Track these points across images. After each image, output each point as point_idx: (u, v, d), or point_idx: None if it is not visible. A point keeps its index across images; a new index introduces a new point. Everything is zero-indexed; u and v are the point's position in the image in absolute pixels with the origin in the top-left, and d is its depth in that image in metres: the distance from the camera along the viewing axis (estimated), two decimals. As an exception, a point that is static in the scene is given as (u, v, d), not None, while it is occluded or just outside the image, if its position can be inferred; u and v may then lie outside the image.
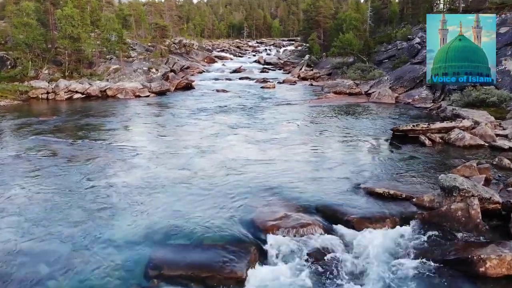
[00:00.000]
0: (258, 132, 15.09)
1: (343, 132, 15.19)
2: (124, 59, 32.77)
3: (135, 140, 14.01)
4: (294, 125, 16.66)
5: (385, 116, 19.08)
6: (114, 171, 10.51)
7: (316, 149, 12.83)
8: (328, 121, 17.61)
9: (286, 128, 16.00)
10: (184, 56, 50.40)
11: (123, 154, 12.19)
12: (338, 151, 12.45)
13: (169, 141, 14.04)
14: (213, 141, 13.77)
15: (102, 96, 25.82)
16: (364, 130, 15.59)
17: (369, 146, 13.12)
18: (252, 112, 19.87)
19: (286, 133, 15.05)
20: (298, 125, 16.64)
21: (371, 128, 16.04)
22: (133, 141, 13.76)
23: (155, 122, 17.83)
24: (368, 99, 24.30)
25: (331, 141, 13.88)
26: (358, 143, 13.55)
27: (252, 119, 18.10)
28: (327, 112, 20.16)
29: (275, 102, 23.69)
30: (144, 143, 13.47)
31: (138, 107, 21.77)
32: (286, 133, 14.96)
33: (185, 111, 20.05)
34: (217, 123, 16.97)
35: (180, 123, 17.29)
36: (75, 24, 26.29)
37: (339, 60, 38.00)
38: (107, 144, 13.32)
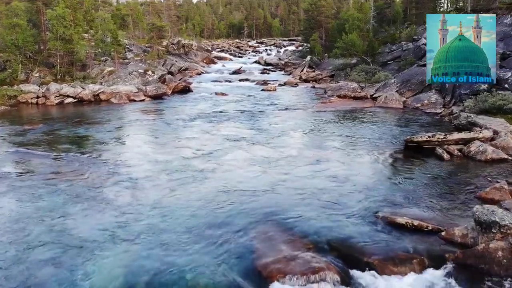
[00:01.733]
0: (260, 147, 13.49)
1: (352, 144, 13.95)
2: (120, 61, 31.59)
3: (124, 155, 12.60)
4: (298, 137, 15.21)
5: (394, 123, 17.89)
6: (94, 195, 9.30)
7: (324, 167, 11.44)
8: (334, 130, 16.37)
9: (290, 141, 14.44)
10: (183, 57, 49.22)
11: (108, 173, 10.83)
12: (348, 169, 11.13)
13: (160, 158, 12.30)
14: (210, 160, 12.09)
15: (95, 100, 24.62)
16: (374, 141, 14.38)
17: (382, 161, 11.90)
18: (253, 119, 18.57)
19: (290, 148, 13.45)
20: (302, 137, 15.14)
21: (381, 138, 14.83)
22: (121, 157, 12.37)
23: (148, 132, 16.31)
24: (374, 103, 23.12)
25: (340, 156, 12.52)
26: (369, 157, 12.32)
27: (253, 128, 16.65)
28: (332, 118, 18.96)
29: (277, 107, 22.49)
30: (133, 159, 12.08)
31: (131, 114, 20.53)
32: (290, 148, 13.36)
33: (181, 119, 18.65)
34: (215, 135, 15.46)
35: (175, 134, 15.71)
36: (67, 25, 25.09)
37: (342, 61, 36.81)
38: (92, 159, 12.10)
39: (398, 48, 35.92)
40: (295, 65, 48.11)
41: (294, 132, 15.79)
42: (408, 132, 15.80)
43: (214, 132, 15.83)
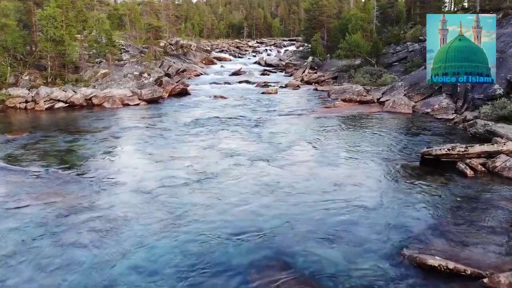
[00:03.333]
0: (263, 166, 11.65)
1: (364, 158, 12.61)
2: (114, 63, 30.33)
3: (110, 173, 11.26)
4: (304, 150, 13.57)
5: (405, 131, 16.65)
6: (73, 223, 8.08)
7: (336, 192, 9.87)
8: (342, 140, 15.04)
9: (296, 157, 12.72)
10: (181, 58, 47.99)
11: (88, 200, 9.40)
12: (363, 193, 9.75)
13: (150, 182, 10.52)
14: (206, 186, 10.18)
15: (87, 105, 23.37)
16: (386, 154, 13.15)
17: (398, 180, 10.64)
18: (254, 127, 17.18)
19: (297, 166, 11.79)
20: (308, 151, 13.46)
21: (394, 150, 13.59)
22: (107, 176, 11.05)
23: (138, 145, 14.59)
24: (382, 108, 21.88)
25: (351, 174, 11.10)
26: (384, 175, 11.05)
27: (254, 140, 15.07)
28: (338, 126, 17.73)
29: (279, 112, 21.25)
30: (121, 177, 10.81)
31: (123, 121, 19.25)
32: (297, 167, 11.69)
33: (175, 128, 17.24)
34: (212, 149, 13.72)
35: (168, 149, 13.92)
36: (57, 26, 23.85)
37: (345, 62, 35.58)
38: (74, 176, 10.85)
39: (403, 49, 34.70)
40: (296, 66, 46.88)
41: (299, 145, 14.32)
42: (421, 142, 14.59)
43: (212, 144, 14.33)
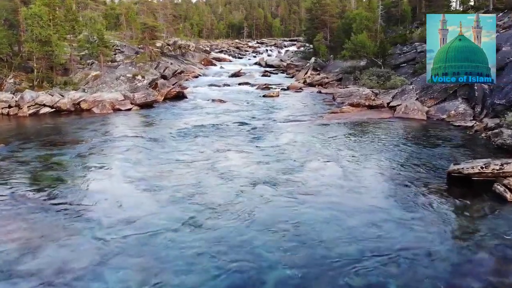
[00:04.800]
0: (269, 194, 9.60)
1: (382, 177, 10.89)
2: (107, 64, 28.72)
3: (86, 197, 9.58)
4: (314, 169, 11.61)
5: (422, 142, 15.01)
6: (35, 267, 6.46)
7: (360, 228, 7.96)
8: (355, 153, 13.30)
9: (305, 178, 10.70)
10: (179, 59, 46.38)
11: (57, 230, 7.85)
12: (392, 225, 8.03)
13: (134, 210, 8.85)
14: (199, 225, 8.11)
15: (75, 110, 21.73)
16: (407, 170, 11.50)
17: (429, 207, 8.91)
18: (255, 138, 15.36)
19: (307, 192, 9.75)
20: (319, 170, 11.47)
21: (415, 166, 11.93)
22: (81, 199, 9.41)
23: (125, 159, 12.78)
24: (393, 113, 20.24)
25: (373, 200, 9.36)
26: (410, 200, 9.31)
27: (256, 155, 13.12)
28: (348, 134, 16.08)
29: (282, 118, 19.61)
30: (98, 207, 9.00)
31: (111, 129, 17.54)
32: (307, 194, 9.63)
33: (167, 139, 15.39)
34: (207, 169, 11.62)
35: (157, 166, 11.93)
36: (43, 25, 22.21)
37: (349, 63, 33.96)
38: (45, 201, 9.20)
39: (411, 49, 33.07)
40: (298, 67, 45.29)
41: (308, 161, 12.38)
42: (443, 155, 12.96)
43: (207, 162, 12.29)
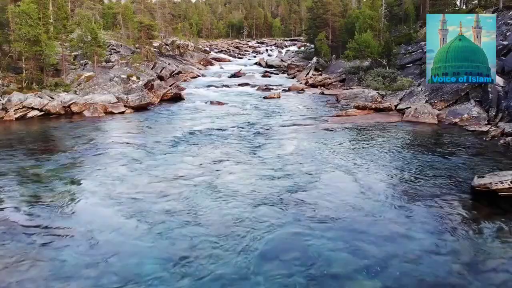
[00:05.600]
0: (275, 220, 8.17)
1: (398, 191, 9.73)
2: (101, 65, 27.56)
3: (61, 216, 8.39)
4: (323, 184, 10.31)
5: (437, 149, 13.84)
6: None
7: (382, 256, 6.82)
8: (366, 163, 12.07)
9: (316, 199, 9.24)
10: (178, 59, 45.26)
11: (26, 258, 6.72)
12: (413, 254, 6.90)
13: (114, 235, 7.70)
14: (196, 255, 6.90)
15: (65, 113, 20.55)
16: (423, 182, 10.33)
17: (452, 230, 7.73)
18: (256, 147, 14.10)
19: (323, 220, 8.20)
20: (330, 187, 10.12)
21: (431, 177, 10.78)
22: (55, 221, 8.16)
23: (110, 169, 11.53)
24: (402, 117, 19.07)
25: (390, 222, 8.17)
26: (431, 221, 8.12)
27: (258, 167, 11.76)
28: (357, 142, 14.89)
29: (285, 122, 18.45)
30: (71, 232, 7.73)
31: (100, 134, 16.31)
32: (324, 223, 8.06)
33: (158, 147, 14.05)
34: (202, 186, 10.16)
35: (144, 183, 10.51)
36: (32, 24, 21.04)
37: (352, 64, 32.79)
38: (15, 222, 8.02)
39: (417, 49, 31.88)
40: (299, 67, 44.14)
41: (316, 175, 10.97)
42: (462, 165, 11.81)
43: (201, 177, 10.78)
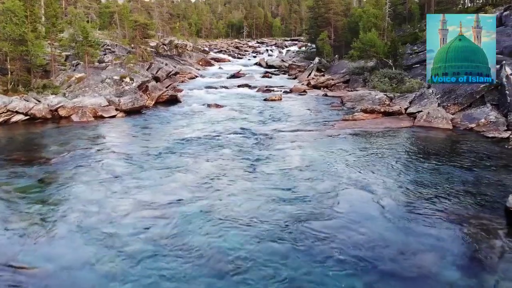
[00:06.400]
0: (286, 259, 6.81)
1: (426, 214, 8.40)
2: (94, 66, 26.24)
3: (20, 249, 7.07)
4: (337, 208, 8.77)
5: (456, 158, 12.51)
6: None
7: None
8: (380, 175, 10.77)
9: (330, 229, 7.78)
10: (176, 59, 43.94)
11: None
12: None
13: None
14: None
15: (53, 117, 19.22)
16: (450, 201, 9.01)
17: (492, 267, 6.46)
18: (258, 156, 12.77)
19: (343, 256, 6.86)
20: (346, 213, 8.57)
21: (458, 193, 9.46)
22: (12, 261, 6.85)
23: (86, 188, 10.07)
24: (413, 122, 17.75)
25: (426, 257, 6.88)
26: (470, 254, 6.85)
27: (259, 184, 10.28)
28: (367, 149, 13.55)
29: (287, 127, 17.13)
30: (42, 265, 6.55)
31: (86, 142, 14.67)
32: (346, 263, 6.69)
33: (149, 156, 12.78)
34: (196, 210, 8.74)
35: (129, 199, 9.36)
36: (17, 22, 19.70)
37: (356, 64, 31.46)
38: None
39: (423, 49, 30.38)
40: (300, 68, 42.83)
41: (327, 192, 9.63)
42: (488, 179, 10.52)
43: (196, 198, 9.40)
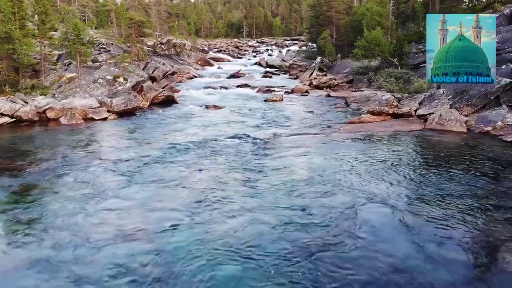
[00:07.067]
0: None
1: (452, 233, 7.28)
2: (87, 65, 25.13)
3: None
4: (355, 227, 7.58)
5: (477, 166, 11.36)
6: None
7: None
8: (398, 187, 9.62)
9: (349, 260, 6.56)
10: (174, 59, 42.81)
11: None
12: None
13: None
14: None
15: (40, 119, 18.08)
16: (480, 219, 7.87)
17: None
18: (259, 164, 11.61)
19: None
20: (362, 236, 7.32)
21: (486, 209, 8.33)
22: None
23: (62, 208, 8.66)
24: (424, 124, 16.60)
25: None
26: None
27: (264, 199, 9.02)
28: (378, 155, 12.38)
29: (290, 130, 15.99)
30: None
31: (72, 148, 13.57)
32: None
33: (139, 163, 11.63)
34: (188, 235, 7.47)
35: (112, 216, 8.20)
36: (3, 18, 18.57)
37: (360, 63, 30.33)
38: None
39: (430, 47, 29.42)
40: (301, 68, 41.72)
41: (339, 210, 8.35)
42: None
43: (188, 218, 8.10)
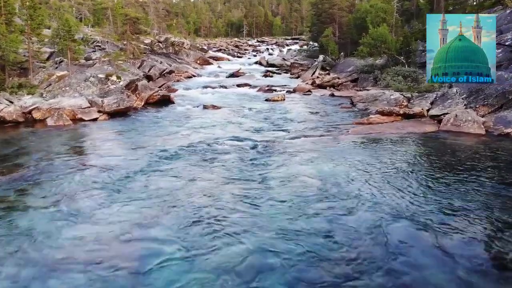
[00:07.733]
0: None
1: (495, 261, 6.20)
2: (80, 63, 23.95)
3: None
4: (383, 255, 6.16)
5: (501, 173, 10.15)
6: None
7: None
8: (421, 197, 8.37)
9: None
10: (172, 57, 41.67)
11: None
12: None
13: None
14: None
15: (26, 120, 16.88)
16: None
17: None
18: (260, 173, 10.27)
19: None
20: (390, 263, 6.01)
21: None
22: None
23: (37, 226, 7.35)
24: (438, 126, 15.39)
25: None
26: None
27: (268, 217, 7.53)
28: (393, 162, 11.15)
29: (293, 133, 14.78)
30: None
31: (57, 152, 12.24)
32: None
33: (127, 172, 10.32)
34: (180, 266, 6.06)
35: (89, 253, 6.45)
36: (-13, 12, 17.45)
37: (364, 62, 29.13)
38: None
39: (438, 45, 28.24)
40: (303, 67, 40.59)
41: (366, 232, 6.98)
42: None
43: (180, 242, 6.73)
